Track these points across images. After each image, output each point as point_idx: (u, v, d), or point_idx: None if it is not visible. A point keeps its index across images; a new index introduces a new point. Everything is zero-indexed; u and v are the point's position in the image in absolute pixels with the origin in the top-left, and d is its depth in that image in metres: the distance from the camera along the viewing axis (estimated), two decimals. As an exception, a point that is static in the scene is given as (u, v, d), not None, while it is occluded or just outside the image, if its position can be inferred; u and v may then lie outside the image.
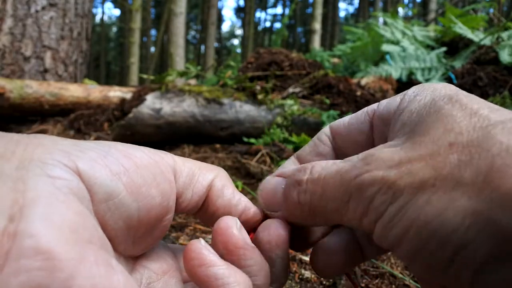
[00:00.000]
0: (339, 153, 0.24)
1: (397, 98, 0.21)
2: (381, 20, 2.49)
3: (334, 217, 0.19)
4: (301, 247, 0.24)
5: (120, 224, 0.16)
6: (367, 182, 0.17)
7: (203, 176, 0.20)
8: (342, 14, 20.95)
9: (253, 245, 0.19)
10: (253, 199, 1.03)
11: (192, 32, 21.23)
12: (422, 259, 0.15)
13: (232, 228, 0.19)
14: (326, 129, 0.24)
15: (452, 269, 0.15)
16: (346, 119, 0.23)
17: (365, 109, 0.23)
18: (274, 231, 0.21)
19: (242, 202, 0.22)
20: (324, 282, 0.59)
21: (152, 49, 13.65)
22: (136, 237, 0.17)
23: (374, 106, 0.22)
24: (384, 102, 0.22)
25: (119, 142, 0.18)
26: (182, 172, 0.20)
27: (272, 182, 0.22)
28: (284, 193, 0.21)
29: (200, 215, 0.21)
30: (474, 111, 0.16)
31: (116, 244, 0.16)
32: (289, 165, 0.25)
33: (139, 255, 0.19)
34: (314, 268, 0.22)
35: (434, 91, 0.19)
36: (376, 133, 0.22)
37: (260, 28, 19.49)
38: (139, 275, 0.18)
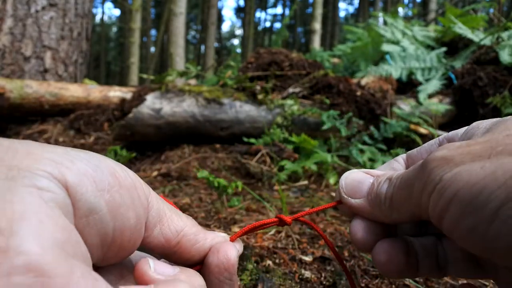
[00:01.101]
0: None
1: (464, 127, 0.24)
2: (381, 20, 2.49)
3: (405, 207, 0.21)
4: (365, 244, 0.25)
5: (96, 240, 0.16)
6: (429, 160, 0.19)
7: (172, 221, 0.21)
8: (342, 14, 20.97)
9: (161, 277, 0.19)
10: (253, 199, 1.03)
11: (192, 32, 21.23)
12: (467, 219, 0.16)
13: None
14: (402, 155, 0.27)
15: (494, 225, 0.15)
16: (420, 146, 0.27)
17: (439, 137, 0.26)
18: (223, 254, 0.21)
19: (214, 238, 0.22)
20: (324, 282, 0.59)
21: (152, 49, 13.65)
22: (106, 253, 0.17)
23: (444, 134, 0.26)
24: (455, 130, 0.25)
25: (108, 158, 0.18)
26: (153, 207, 0.20)
27: (359, 175, 0.25)
28: (372, 186, 0.23)
29: (167, 254, 0.21)
30: None
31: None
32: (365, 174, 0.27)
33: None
34: (377, 267, 0.24)
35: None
36: None
37: (260, 28, 19.49)
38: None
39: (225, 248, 0.21)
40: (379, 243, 0.23)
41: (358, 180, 0.24)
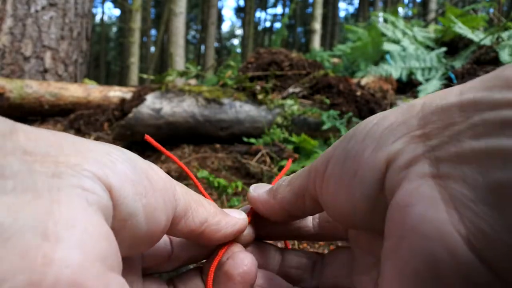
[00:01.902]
0: None
1: None
2: (381, 20, 2.49)
3: (299, 180, 0.22)
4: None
5: (127, 243, 0.16)
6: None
7: (197, 213, 0.21)
8: (342, 14, 20.96)
9: None
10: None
11: (192, 32, 21.22)
12: (343, 157, 0.17)
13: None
14: None
15: (361, 146, 0.16)
16: None
17: None
18: (243, 268, 0.21)
19: (236, 223, 0.23)
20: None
21: (152, 49, 13.64)
22: (130, 252, 0.17)
23: None
24: None
25: (139, 158, 0.18)
26: (180, 202, 0.20)
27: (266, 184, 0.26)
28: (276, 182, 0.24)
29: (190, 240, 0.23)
30: None
31: None
32: None
33: None
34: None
35: None
36: None
37: (260, 28, 19.48)
38: None
39: (245, 258, 0.21)
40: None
41: (266, 184, 0.25)
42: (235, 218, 0.23)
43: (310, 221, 0.25)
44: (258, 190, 0.24)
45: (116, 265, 0.13)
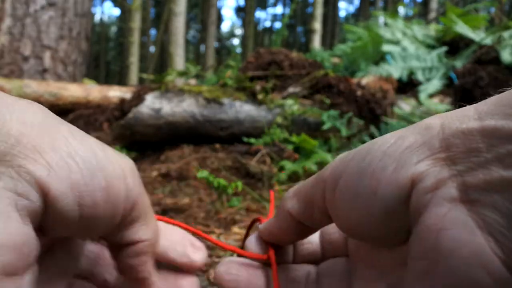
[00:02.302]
0: None
1: None
2: (381, 19, 2.49)
3: (306, 191, 0.21)
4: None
5: (65, 233, 0.17)
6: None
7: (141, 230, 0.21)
8: (342, 13, 20.97)
9: None
10: (253, 199, 1.02)
11: (192, 32, 21.22)
12: (357, 173, 0.17)
13: None
14: None
15: (379, 165, 0.17)
16: None
17: None
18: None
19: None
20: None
21: (152, 48, 13.64)
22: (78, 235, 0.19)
23: None
24: None
25: (119, 158, 0.18)
26: (136, 208, 0.20)
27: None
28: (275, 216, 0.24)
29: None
30: None
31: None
32: None
33: None
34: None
35: None
36: None
37: (260, 28, 19.48)
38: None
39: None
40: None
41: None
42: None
43: (317, 245, 0.25)
44: (266, 223, 0.24)
45: (20, 270, 0.14)
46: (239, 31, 24.22)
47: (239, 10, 22.69)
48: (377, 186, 0.16)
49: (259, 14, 19.76)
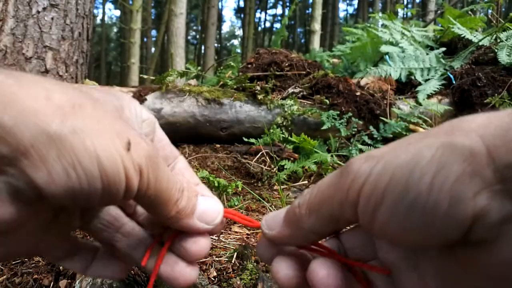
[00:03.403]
0: None
1: None
2: (380, 20, 2.50)
3: (325, 207, 0.20)
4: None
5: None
6: (352, 161, 0.19)
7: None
8: (341, 14, 20.96)
9: None
10: (253, 199, 1.03)
11: (192, 33, 21.23)
12: (406, 198, 0.16)
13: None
14: None
15: (432, 195, 0.16)
16: None
17: None
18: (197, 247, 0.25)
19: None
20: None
21: (153, 49, 13.65)
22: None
23: None
24: None
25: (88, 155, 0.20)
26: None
27: (275, 212, 0.25)
28: (287, 211, 0.23)
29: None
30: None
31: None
32: None
33: None
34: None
35: None
36: None
37: (260, 28, 19.49)
38: None
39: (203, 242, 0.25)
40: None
41: (274, 215, 0.24)
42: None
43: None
44: (275, 227, 0.23)
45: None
46: (239, 32, 24.21)
47: (238, 11, 22.70)
48: (433, 221, 0.16)
49: (259, 14, 19.77)
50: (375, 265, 0.23)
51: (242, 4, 20.44)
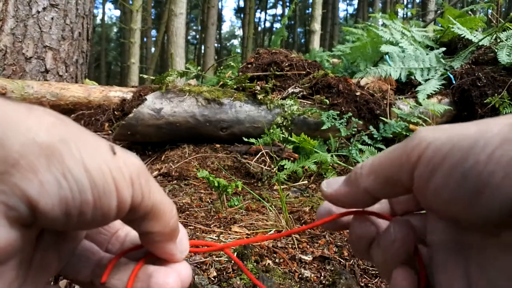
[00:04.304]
0: None
1: None
2: (380, 20, 2.50)
3: (386, 168, 0.21)
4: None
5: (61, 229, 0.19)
6: (419, 129, 0.20)
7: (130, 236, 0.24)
8: (341, 14, 20.96)
9: None
10: (253, 199, 1.03)
11: (193, 33, 21.23)
12: (464, 165, 0.17)
13: None
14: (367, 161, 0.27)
15: (489, 167, 0.16)
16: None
17: None
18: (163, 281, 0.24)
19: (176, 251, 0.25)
20: (324, 282, 0.60)
21: (153, 49, 13.65)
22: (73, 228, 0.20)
23: None
24: None
25: (109, 162, 0.19)
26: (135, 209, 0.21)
27: (337, 177, 0.25)
28: (348, 174, 0.24)
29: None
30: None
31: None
32: None
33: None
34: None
35: None
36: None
37: (260, 28, 19.49)
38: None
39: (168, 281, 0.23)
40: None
41: (337, 178, 0.25)
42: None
43: (386, 204, 0.26)
44: (333, 186, 0.24)
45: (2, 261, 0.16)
46: (239, 32, 24.21)
47: (238, 11, 22.69)
48: (482, 192, 0.16)
49: (259, 14, 19.77)
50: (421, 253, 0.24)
51: (242, 4, 20.46)
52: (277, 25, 20.71)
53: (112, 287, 0.23)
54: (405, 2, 17.16)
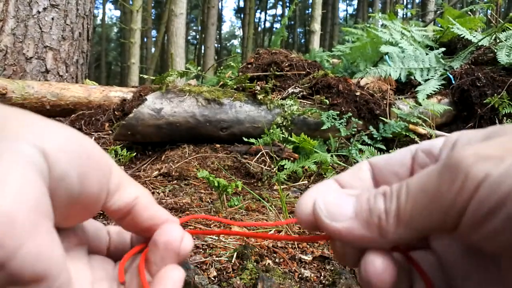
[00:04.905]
0: (377, 185, 0.23)
1: (441, 138, 0.21)
2: (380, 21, 2.51)
3: (421, 219, 0.17)
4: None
5: (63, 201, 0.19)
6: (459, 157, 0.16)
7: (131, 189, 0.24)
8: (341, 14, 20.96)
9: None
10: (253, 199, 1.03)
11: (193, 33, 21.24)
12: None
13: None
14: (364, 162, 0.23)
15: None
16: (386, 155, 0.23)
17: (408, 147, 0.23)
18: (170, 233, 0.24)
19: (165, 213, 0.25)
20: (324, 281, 0.60)
21: (153, 49, 13.66)
22: (70, 214, 0.21)
23: (416, 144, 0.23)
24: (427, 141, 0.22)
25: (77, 132, 0.21)
26: (115, 177, 0.23)
27: (337, 195, 0.20)
28: (360, 203, 0.19)
29: (124, 224, 0.24)
30: None
31: (54, 216, 0.19)
32: (330, 184, 0.23)
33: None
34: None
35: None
36: (417, 166, 0.21)
37: (260, 28, 19.50)
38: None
39: (172, 228, 0.24)
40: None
41: (337, 199, 0.20)
42: (165, 210, 0.25)
43: None
44: (340, 218, 0.19)
45: (46, 213, 0.17)
46: (239, 32, 24.22)
47: (238, 11, 22.70)
48: None
49: (259, 15, 19.78)
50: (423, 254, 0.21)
51: (242, 4, 20.46)
52: (277, 25, 20.72)
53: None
54: (404, 3, 17.18)
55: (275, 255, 0.66)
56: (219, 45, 19.54)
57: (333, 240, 0.21)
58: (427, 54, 1.74)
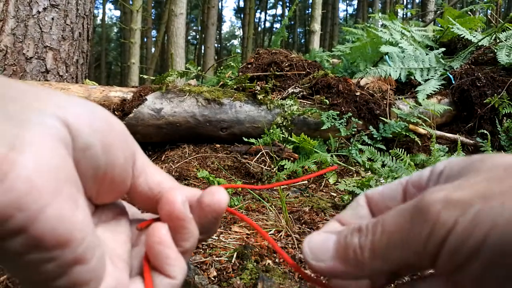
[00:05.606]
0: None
1: (428, 168, 0.22)
2: (380, 21, 2.51)
3: (395, 254, 0.18)
4: None
5: (90, 172, 0.19)
6: (429, 202, 0.16)
7: (155, 173, 0.23)
8: (341, 14, 20.96)
9: (191, 216, 0.23)
10: (253, 199, 1.03)
11: (193, 33, 21.25)
12: (505, 267, 0.14)
13: (178, 202, 0.22)
14: (361, 196, 0.25)
15: None
16: (380, 188, 0.24)
17: (399, 179, 0.23)
18: (218, 196, 0.24)
19: (190, 190, 0.25)
20: (325, 281, 0.60)
21: (153, 49, 13.66)
22: (100, 187, 0.20)
23: (407, 177, 0.23)
24: (416, 172, 0.23)
25: (100, 108, 0.21)
26: (139, 158, 0.23)
27: (321, 236, 0.22)
28: (338, 242, 0.20)
29: (149, 204, 0.24)
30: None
31: (84, 188, 0.19)
32: (332, 225, 0.24)
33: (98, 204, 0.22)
34: None
35: (464, 159, 0.20)
36: (409, 199, 0.22)
37: (260, 28, 19.50)
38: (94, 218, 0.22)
39: (221, 192, 0.24)
40: None
41: (320, 240, 0.21)
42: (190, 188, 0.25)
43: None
44: (322, 258, 0.20)
45: (73, 181, 0.17)
46: (239, 32, 24.22)
47: (238, 11, 22.70)
48: None
49: (259, 15, 19.78)
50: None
51: (242, 4, 20.46)
52: (277, 25, 20.74)
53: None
54: (404, 3, 17.18)
55: (275, 255, 0.66)
56: (219, 45, 19.56)
57: (329, 279, 0.22)
58: (427, 54, 1.74)
